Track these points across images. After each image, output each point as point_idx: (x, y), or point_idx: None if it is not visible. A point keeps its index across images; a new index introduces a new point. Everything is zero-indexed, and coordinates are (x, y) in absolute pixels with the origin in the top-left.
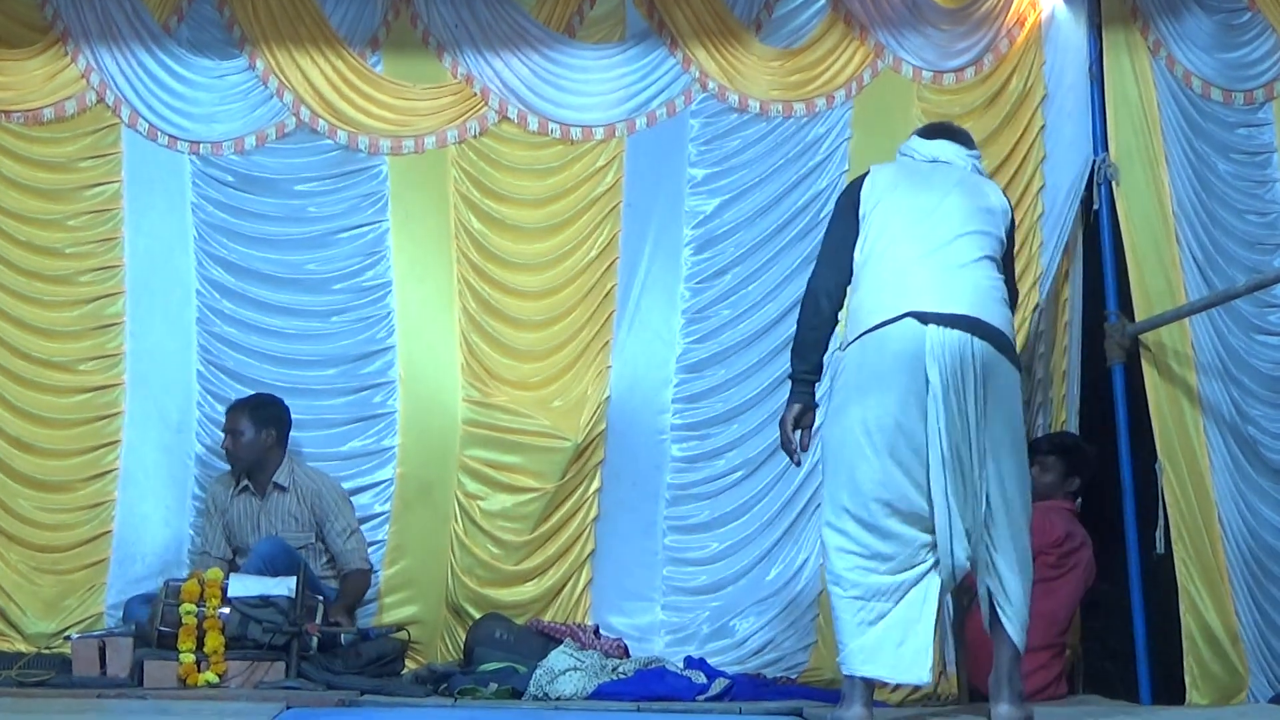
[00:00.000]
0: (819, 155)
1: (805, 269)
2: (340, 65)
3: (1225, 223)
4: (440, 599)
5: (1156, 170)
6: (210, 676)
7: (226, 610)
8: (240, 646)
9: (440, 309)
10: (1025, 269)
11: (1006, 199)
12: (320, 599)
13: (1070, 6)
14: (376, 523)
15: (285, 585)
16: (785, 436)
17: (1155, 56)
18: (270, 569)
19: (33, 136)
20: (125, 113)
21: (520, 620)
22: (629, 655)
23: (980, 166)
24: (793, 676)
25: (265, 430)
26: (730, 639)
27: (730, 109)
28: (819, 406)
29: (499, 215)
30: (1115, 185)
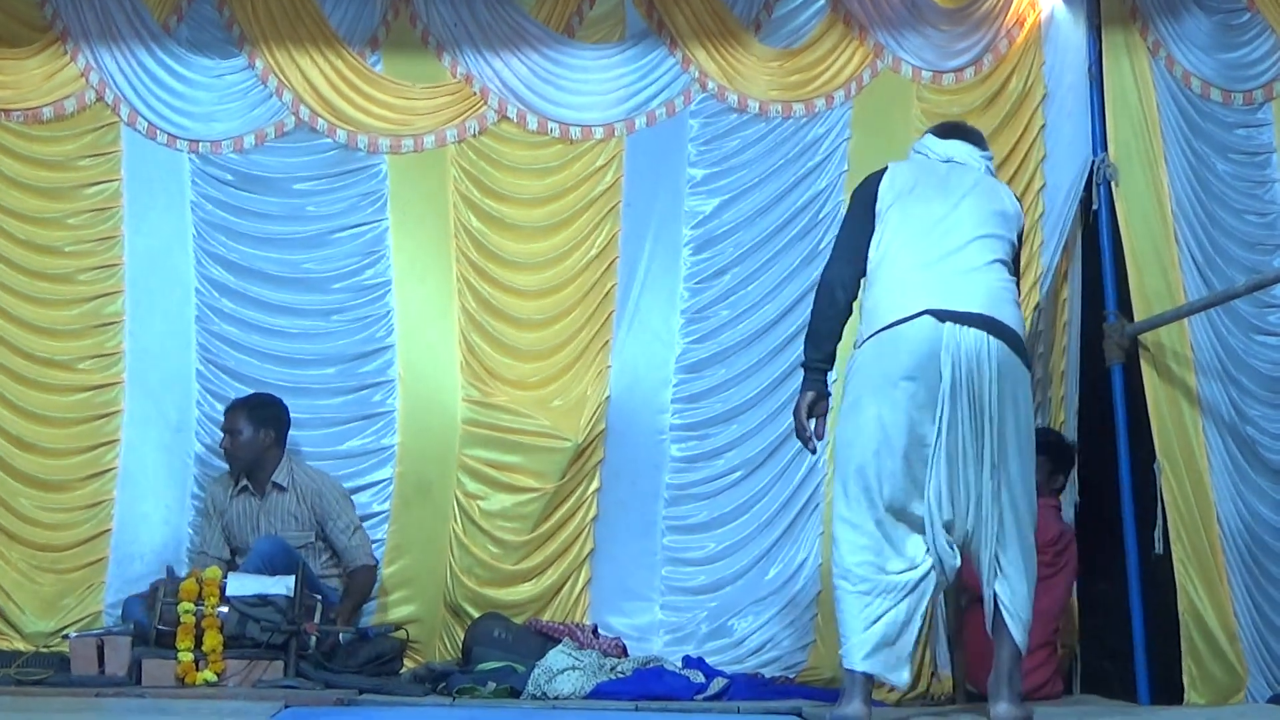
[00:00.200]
0: (818, 155)
1: (805, 269)
2: (339, 64)
3: (1224, 223)
4: (439, 598)
5: (1156, 170)
6: (208, 675)
7: (225, 609)
8: (238, 645)
9: (440, 308)
10: (1026, 268)
11: (1019, 203)
12: (319, 598)
13: (1069, 7)
14: (375, 522)
15: (284, 584)
16: (800, 424)
17: (1154, 57)
18: (269, 568)
19: (32, 135)
20: (125, 111)
21: (519, 620)
22: (627, 654)
23: (993, 168)
24: (791, 676)
25: (264, 430)
26: (729, 638)
27: (729, 109)
28: (831, 396)
29: (498, 214)
30: (1114, 185)
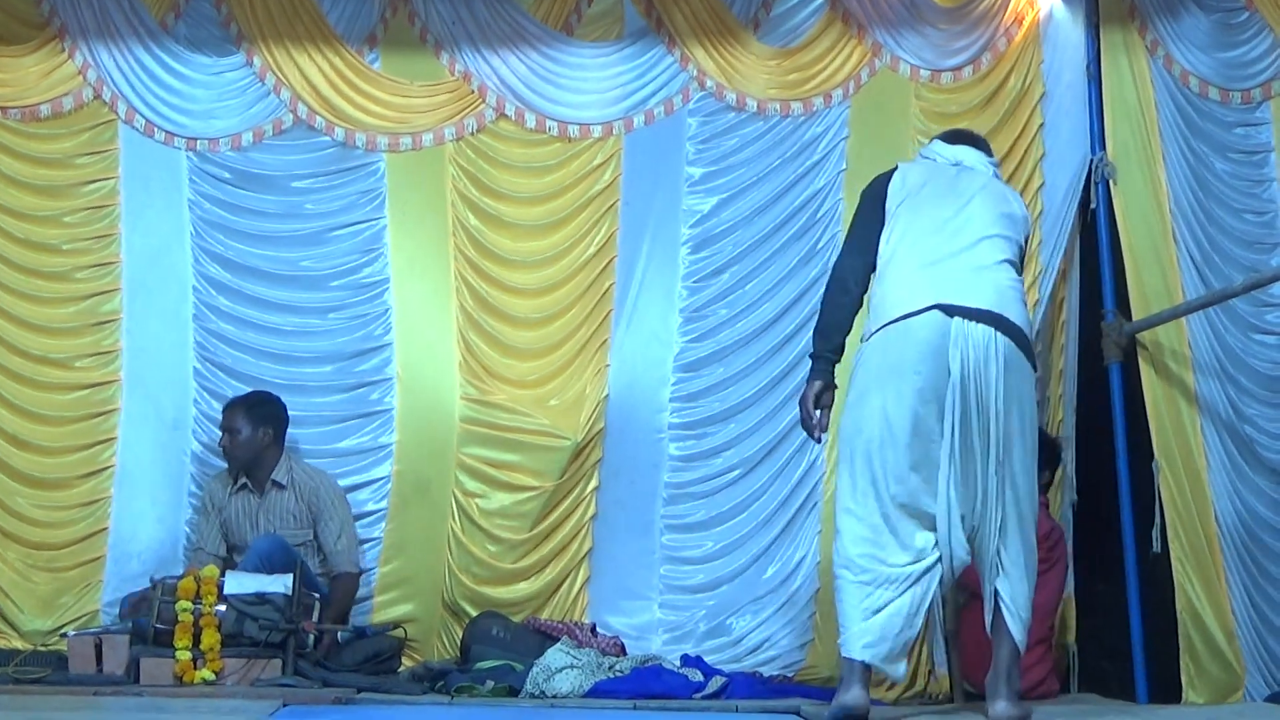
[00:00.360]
0: (816, 154)
1: (803, 268)
2: (338, 62)
3: (1222, 222)
4: (437, 597)
5: (1154, 169)
6: (206, 674)
7: (223, 608)
8: (236, 644)
9: (438, 306)
10: (1026, 267)
11: (1026, 209)
12: (317, 597)
13: (1068, 5)
14: (373, 520)
15: (282, 583)
16: (806, 414)
17: (1153, 55)
18: (267, 566)
19: (29, 133)
20: (122, 109)
21: (517, 618)
22: (626, 653)
23: (999, 174)
24: (789, 675)
25: (262, 429)
26: (727, 637)
27: (728, 108)
28: (837, 388)
29: (496, 212)
30: (1113, 184)
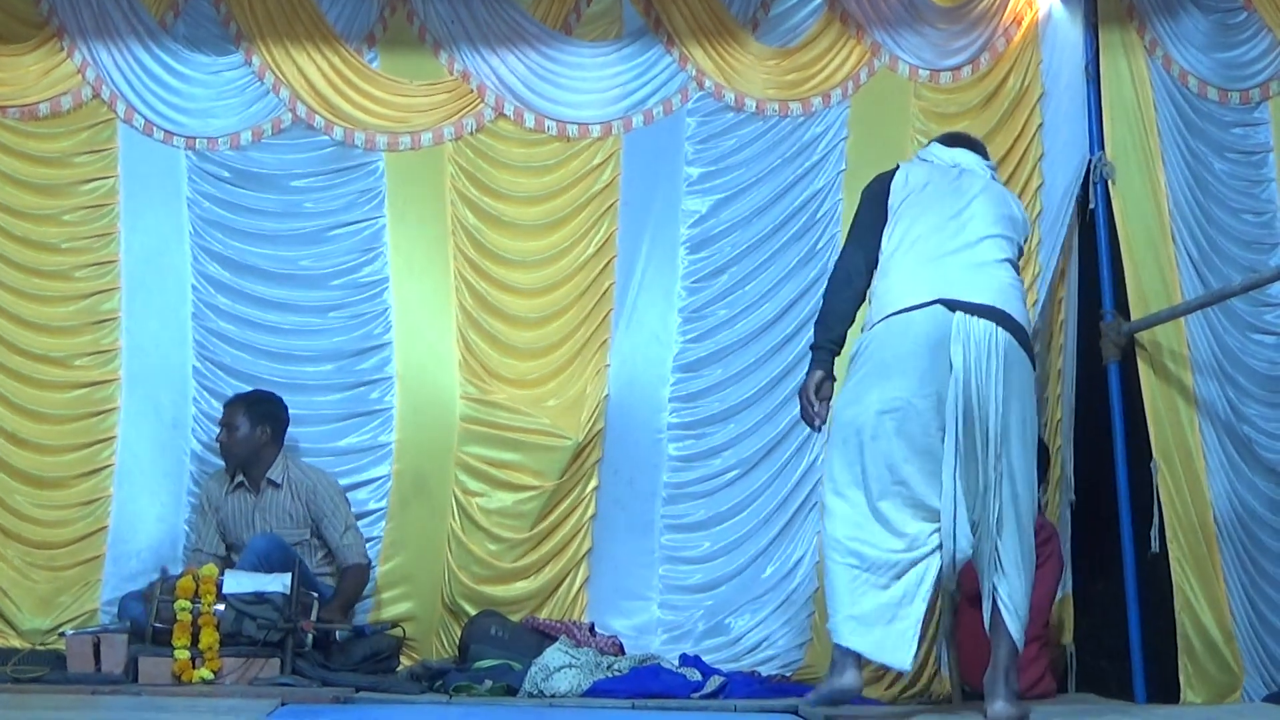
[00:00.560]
0: (816, 155)
1: (802, 269)
2: (337, 61)
3: (1221, 222)
4: (436, 596)
5: (1153, 169)
6: (205, 673)
7: (221, 607)
8: (235, 643)
9: (437, 305)
10: (1024, 267)
11: (1025, 212)
12: (315, 595)
13: (1067, 5)
14: (372, 519)
15: (280, 582)
16: (806, 403)
17: (1151, 56)
18: (265, 565)
19: (28, 132)
20: (121, 108)
21: (516, 617)
22: (624, 652)
23: (997, 176)
24: (787, 674)
25: (260, 426)
26: (725, 637)
27: (726, 108)
28: (836, 380)
29: (495, 212)
30: (1111, 184)
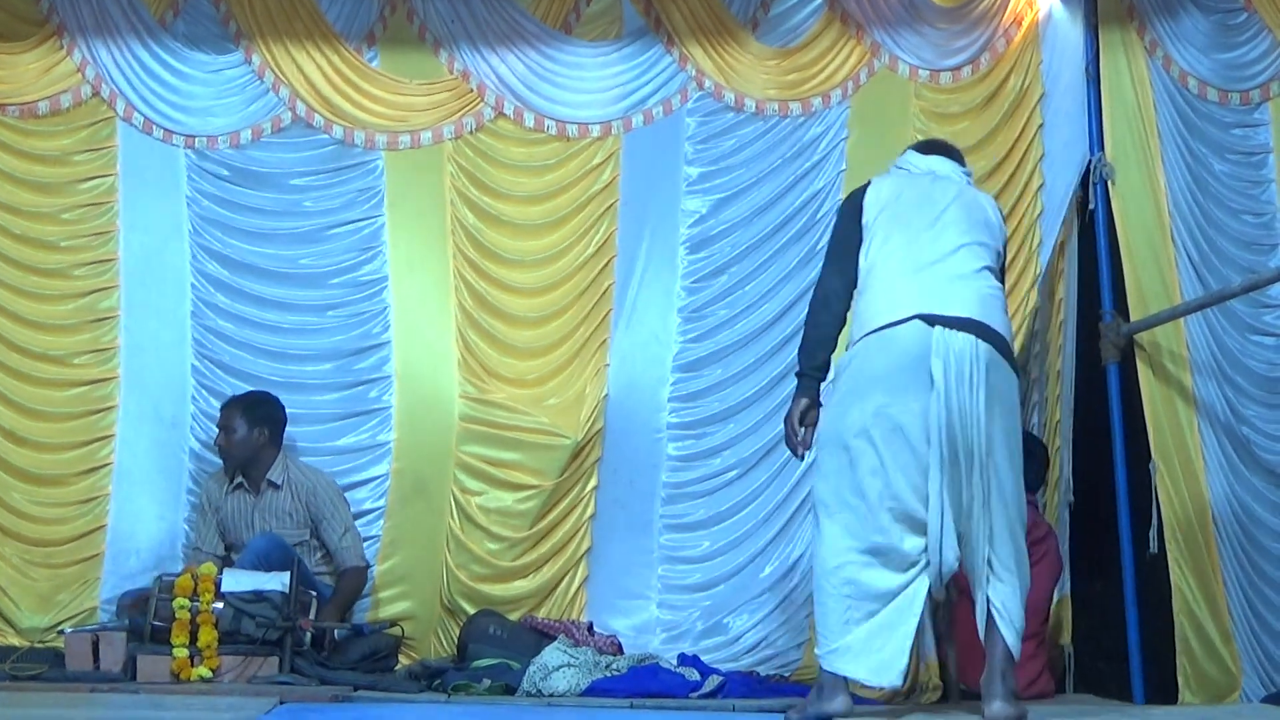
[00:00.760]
0: (816, 155)
1: (802, 269)
2: (336, 60)
3: (1221, 223)
4: (434, 595)
5: (1152, 170)
6: (203, 671)
7: (220, 605)
8: (234, 641)
9: (436, 305)
10: (1024, 267)
11: (1001, 215)
12: (314, 595)
13: (1067, 6)
14: (371, 518)
15: (279, 580)
16: (791, 431)
17: (1152, 56)
18: (265, 564)
19: (28, 130)
20: (121, 106)
21: (514, 616)
22: (622, 652)
23: (972, 183)
24: (786, 674)
25: (258, 428)
26: (724, 636)
27: (726, 108)
28: (822, 405)
29: (495, 211)
30: (1111, 185)
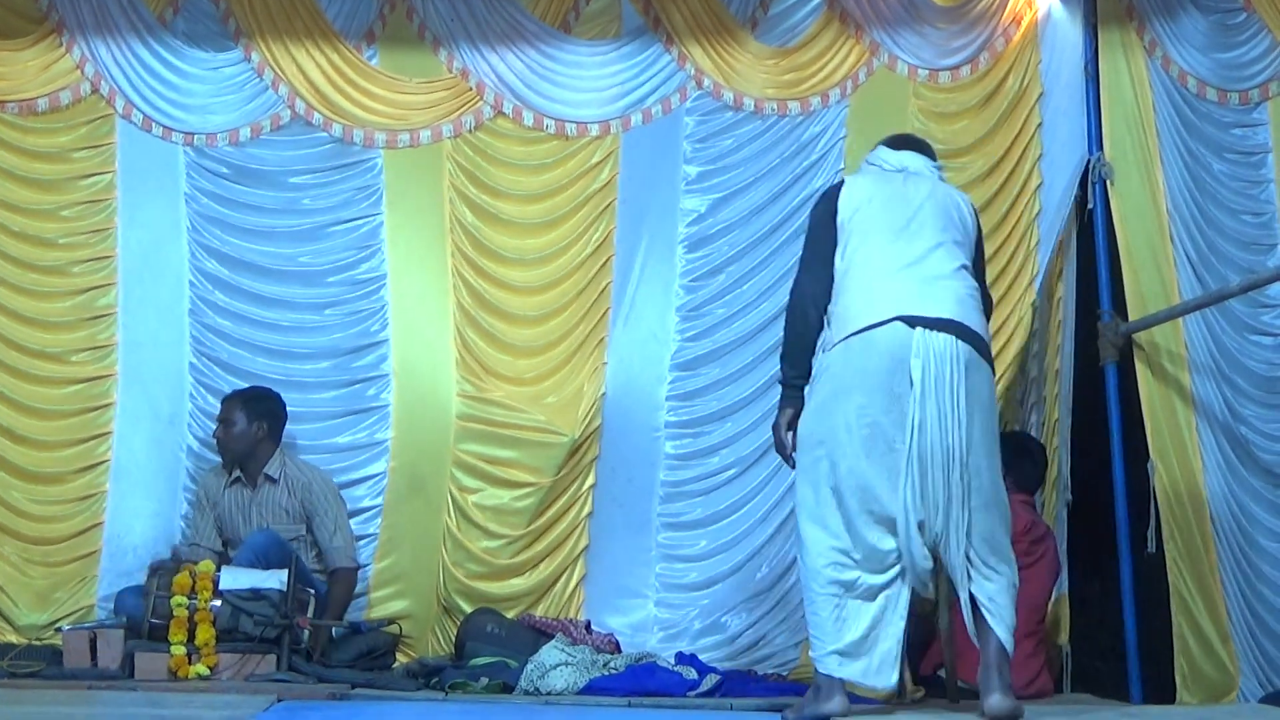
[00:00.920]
0: (814, 154)
1: None
2: (336, 58)
3: (1219, 222)
4: (432, 593)
5: (1151, 170)
6: (201, 669)
7: (218, 603)
8: (231, 639)
9: (435, 303)
10: (1023, 267)
11: (975, 210)
12: (311, 592)
13: (1066, 5)
14: (368, 516)
15: (277, 578)
16: (780, 440)
17: (1151, 56)
18: (262, 561)
19: (27, 127)
20: (120, 104)
21: (511, 614)
22: (620, 650)
23: (944, 177)
24: (783, 673)
25: (257, 423)
26: (722, 635)
27: (725, 107)
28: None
29: (494, 210)
30: (1110, 184)
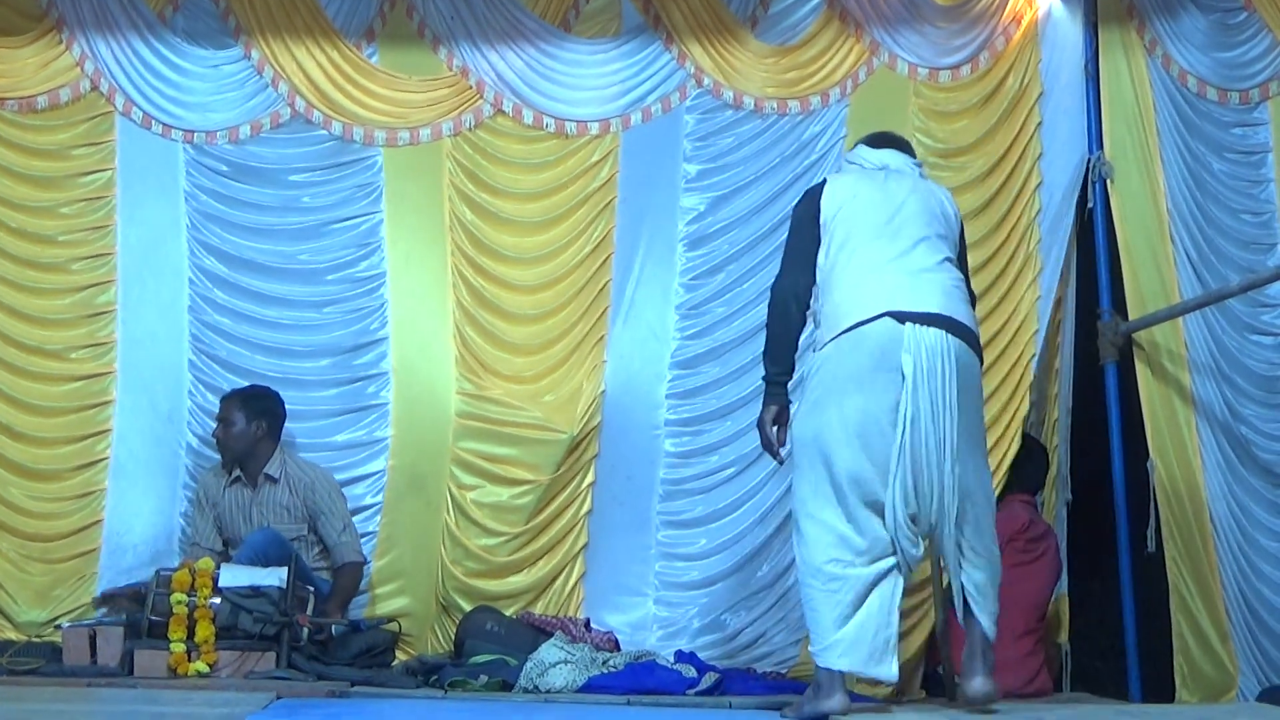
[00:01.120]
0: (814, 153)
1: None
2: (335, 56)
3: (1219, 222)
4: (431, 591)
5: (1151, 169)
6: (201, 666)
7: (217, 600)
8: (231, 636)
9: (434, 301)
10: (1024, 266)
11: (955, 204)
12: (311, 590)
13: (1066, 4)
14: (368, 514)
15: (276, 576)
16: (766, 437)
17: (1151, 55)
18: (262, 559)
19: (26, 124)
20: (120, 101)
21: (510, 612)
22: (619, 648)
23: (925, 174)
24: (783, 671)
25: (256, 422)
26: (721, 633)
27: (725, 105)
28: (793, 404)
29: (493, 208)
30: (1110, 184)
